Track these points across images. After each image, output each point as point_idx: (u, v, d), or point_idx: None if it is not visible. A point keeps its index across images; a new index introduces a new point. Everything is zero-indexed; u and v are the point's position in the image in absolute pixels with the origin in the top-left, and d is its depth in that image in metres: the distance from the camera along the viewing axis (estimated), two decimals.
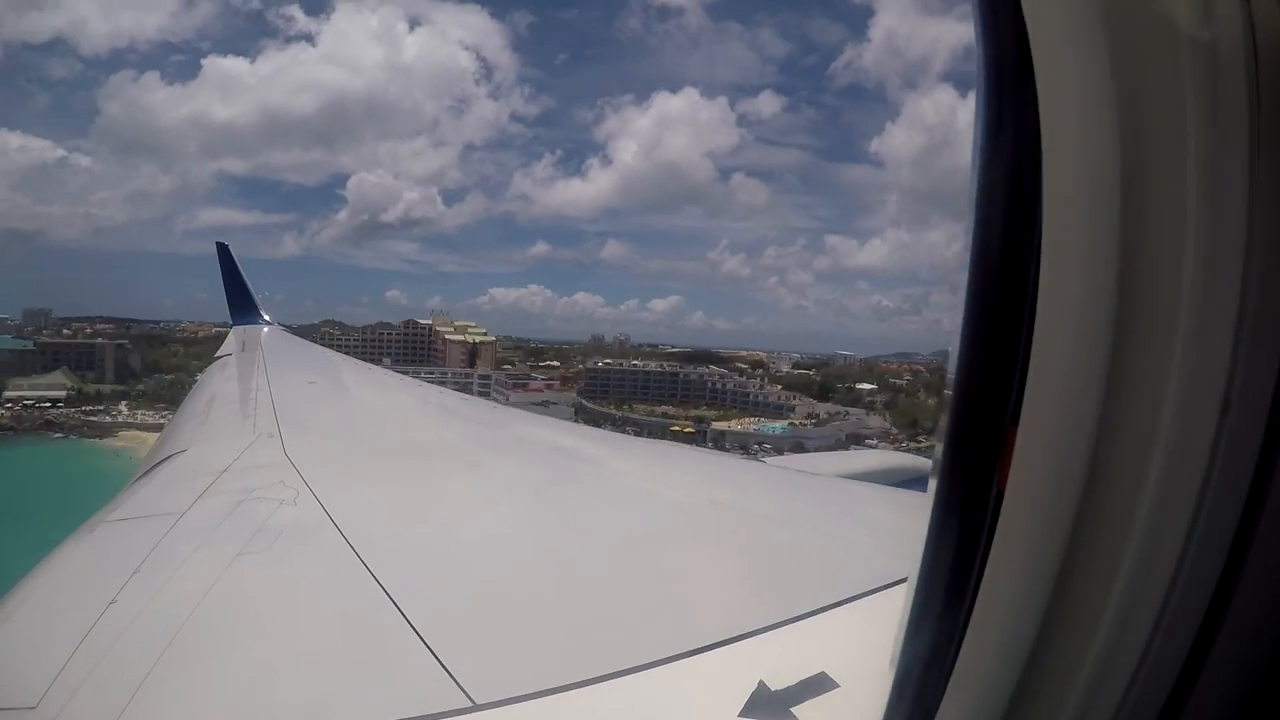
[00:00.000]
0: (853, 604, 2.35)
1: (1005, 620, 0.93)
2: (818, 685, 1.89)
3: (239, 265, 14.19)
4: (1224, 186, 0.79)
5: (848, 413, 79.00)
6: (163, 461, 4.72)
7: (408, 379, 10.54)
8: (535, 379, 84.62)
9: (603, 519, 3.60)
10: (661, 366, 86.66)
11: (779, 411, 77.96)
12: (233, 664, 2.03)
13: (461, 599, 2.48)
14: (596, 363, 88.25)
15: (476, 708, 1.77)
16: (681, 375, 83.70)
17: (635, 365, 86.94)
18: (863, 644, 2.16)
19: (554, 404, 69.73)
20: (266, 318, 13.70)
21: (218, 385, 8.35)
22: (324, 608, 2.40)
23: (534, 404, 58.30)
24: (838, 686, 1.89)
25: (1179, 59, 0.78)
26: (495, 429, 6.55)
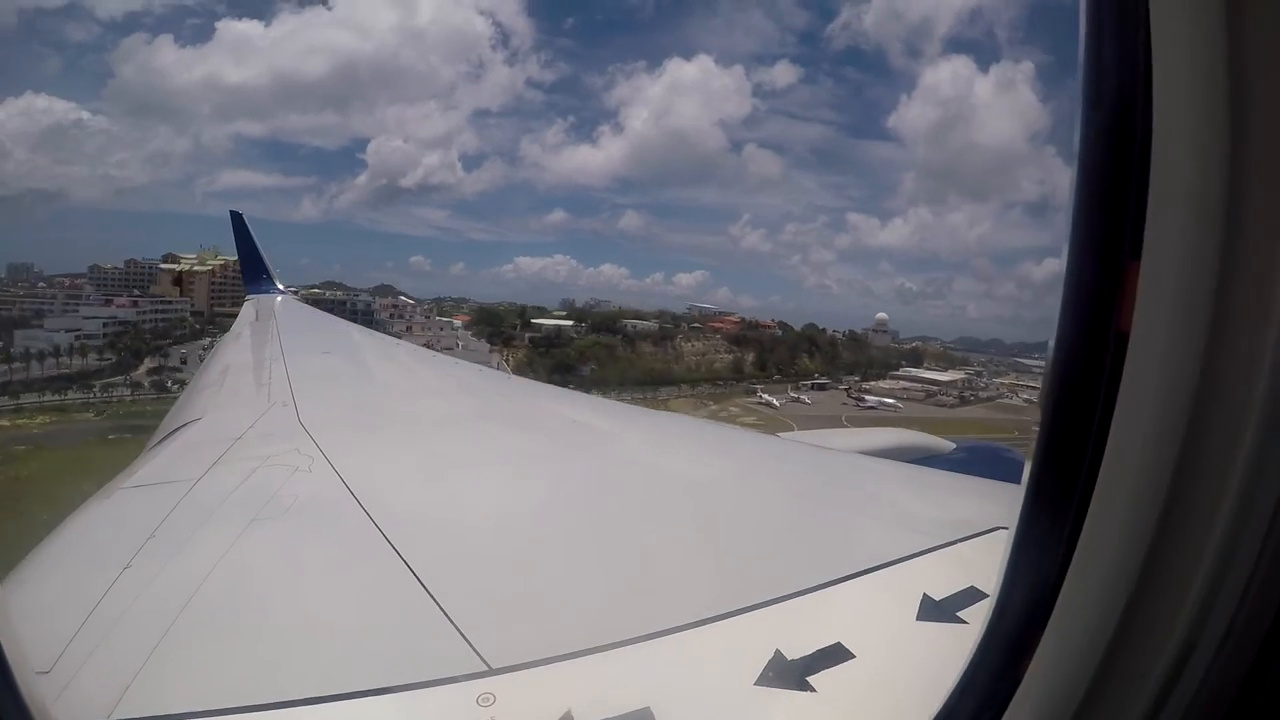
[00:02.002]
0: (867, 577, 2.34)
1: (1136, 481, 0.87)
2: (833, 655, 1.88)
3: (253, 234, 14.22)
4: None
5: None
6: (178, 429, 4.76)
7: (422, 349, 10.57)
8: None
9: (619, 488, 3.60)
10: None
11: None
12: (246, 630, 2.04)
13: (477, 565, 2.49)
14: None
15: (492, 672, 1.76)
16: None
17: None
18: (877, 616, 2.16)
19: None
20: (280, 287, 13.77)
21: (232, 354, 8.41)
22: (338, 574, 2.42)
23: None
24: (853, 657, 1.87)
25: None
26: (509, 399, 6.55)
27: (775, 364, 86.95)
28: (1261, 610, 0.86)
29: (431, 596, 2.10)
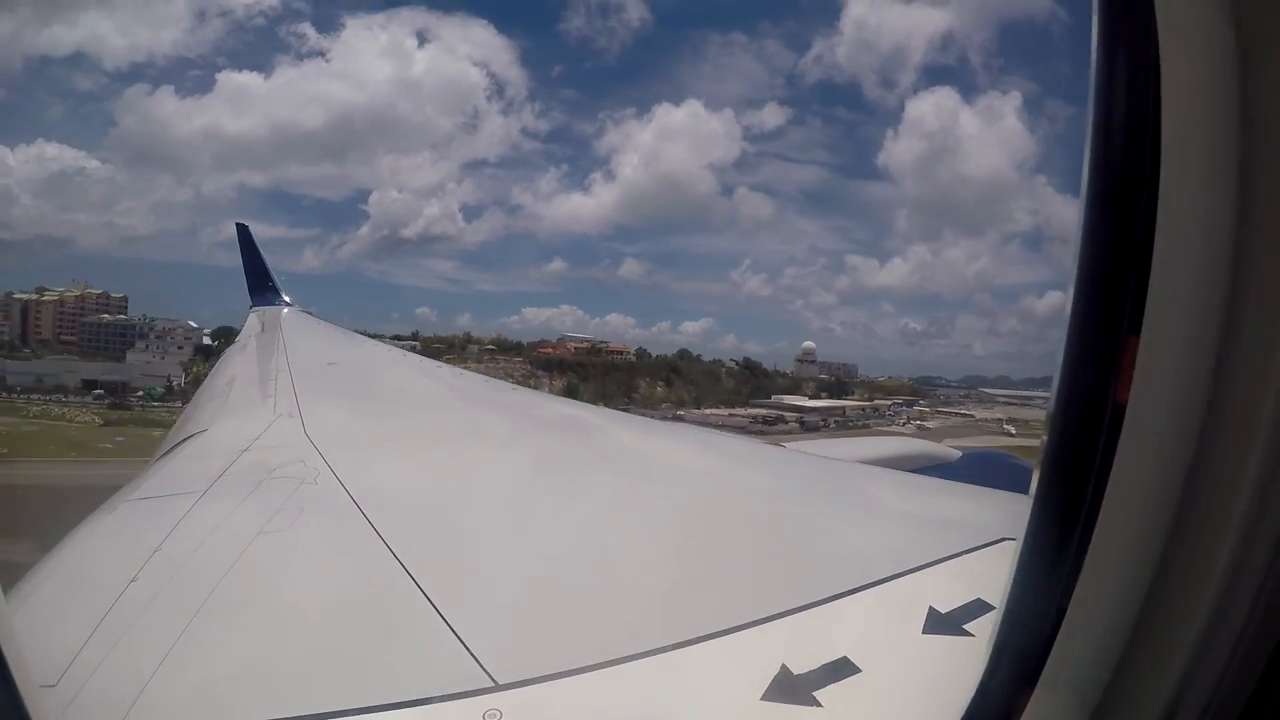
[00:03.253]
0: (873, 590, 2.33)
1: (1130, 541, 0.90)
2: (840, 670, 1.87)
3: (259, 247, 14.27)
4: None
5: None
6: (183, 441, 4.77)
7: (429, 361, 10.60)
8: None
9: (623, 500, 3.59)
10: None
11: None
12: (252, 644, 2.04)
13: (484, 579, 2.49)
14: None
15: (499, 688, 1.76)
16: None
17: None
18: (883, 630, 2.14)
19: None
20: (287, 299, 13.77)
21: (238, 366, 8.44)
22: (345, 588, 2.41)
23: None
24: (859, 671, 1.86)
25: None
26: (516, 410, 6.56)
27: (605, 391, 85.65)
28: (1269, 630, 0.86)
29: (438, 611, 2.10)
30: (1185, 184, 0.80)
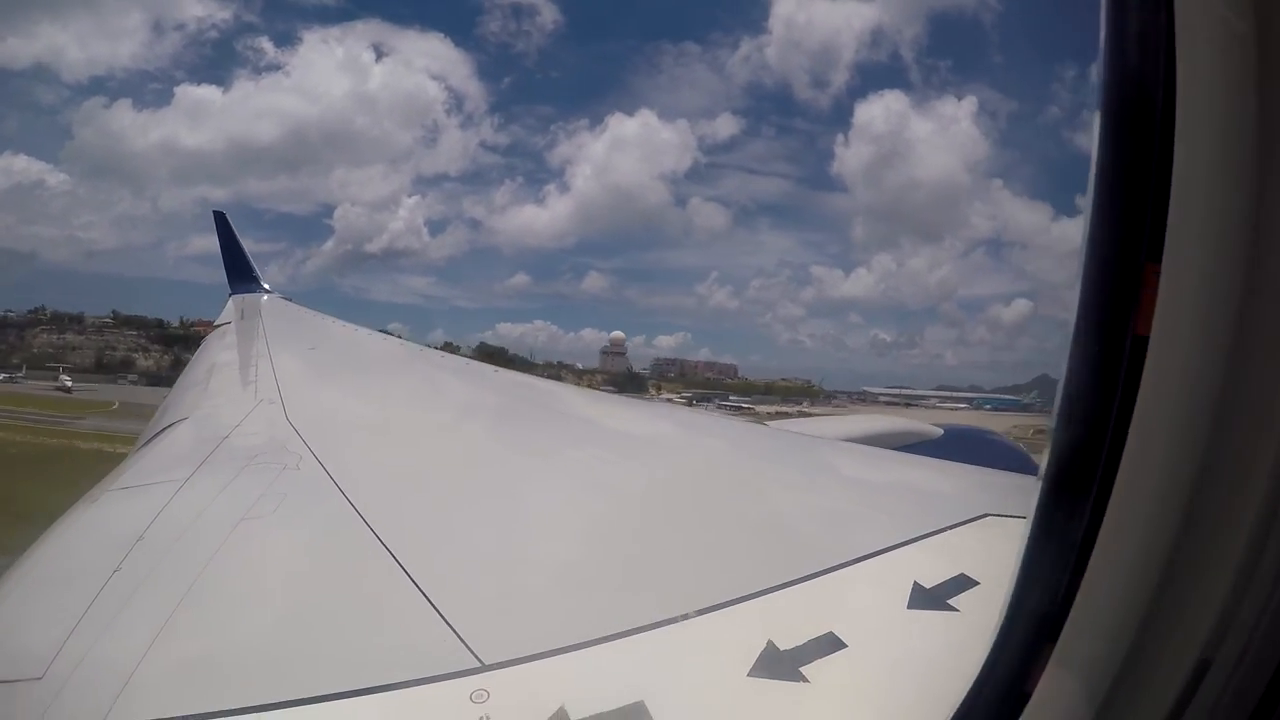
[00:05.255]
0: (857, 565, 2.36)
1: (1153, 485, 0.86)
2: (826, 644, 1.89)
3: (236, 234, 14.02)
4: None
5: None
6: (164, 429, 4.71)
7: (412, 344, 10.50)
8: None
9: (607, 479, 3.60)
10: None
11: None
12: (238, 630, 2.03)
13: (468, 560, 2.49)
14: None
15: (485, 668, 1.76)
16: None
17: None
18: (868, 605, 2.17)
19: None
20: (266, 286, 13.58)
21: (217, 353, 8.31)
22: (329, 572, 2.41)
23: None
24: (845, 646, 1.89)
25: None
26: (495, 392, 6.53)
27: None
28: None
29: (423, 593, 2.10)
30: (1204, 103, 0.76)
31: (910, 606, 2.10)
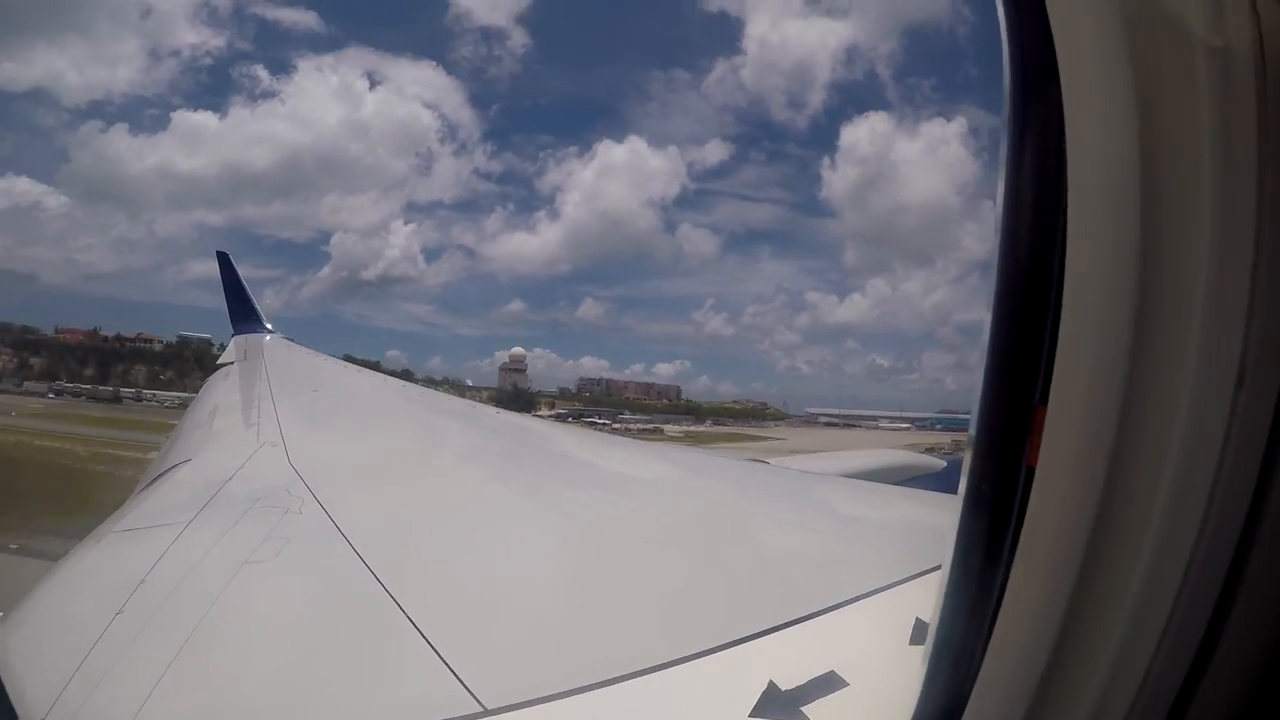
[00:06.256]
0: (860, 603, 2.35)
1: (1039, 594, 0.98)
2: (827, 684, 1.88)
3: (239, 274, 14.16)
4: (1234, 184, 0.85)
5: None
6: (167, 471, 4.72)
7: (412, 386, 10.54)
8: None
9: (610, 520, 3.60)
10: None
11: None
12: (239, 674, 2.03)
13: (470, 605, 2.48)
14: None
15: (487, 712, 1.76)
16: None
17: None
18: (871, 642, 2.16)
19: None
20: (269, 326, 13.65)
21: (220, 395, 8.34)
22: (331, 616, 2.40)
23: None
24: (847, 685, 1.88)
25: (1194, 65, 0.84)
26: (496, 435, 6.54)
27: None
28: (1182, 650, 0.97)
29: (424, 637, 2.10)
30: (1089, 272, 0.90)
31: (914, 643, 2.10)
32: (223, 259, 14.35)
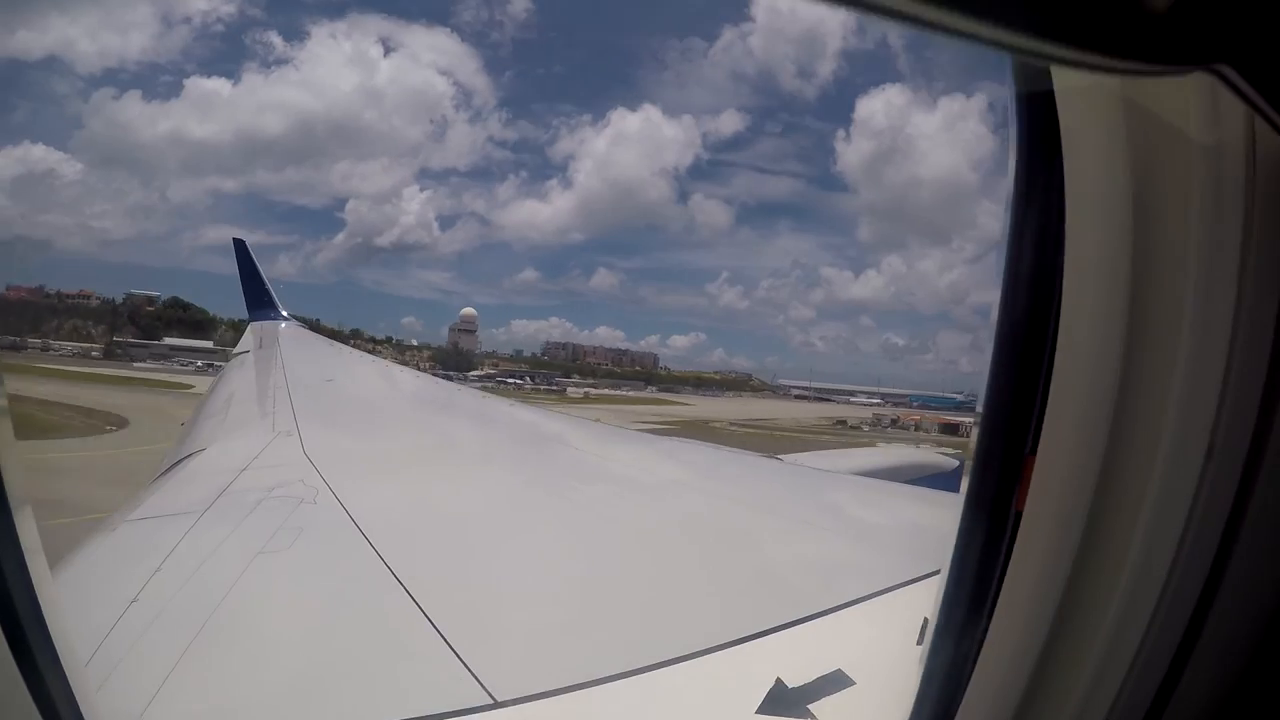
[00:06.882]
0: (867, 603, 2.35)
1: (1022, 625, 1.07)
2: (835, 682, 1.89)
3: (256, 261, 14.25)
4: (1218, 268, 0.93)
5: None
6: (183, 460, 4.78)
7: (426, 375, 10.61)
8: None
9: (621, 516, 3.62)
10: None
11: None
12: (254, 663, 2.05)
13: (482, 597, 2.50)
14: None
15: (498, 705, 1.78)
16: None
17: None
18: (879, 642, 2.16)
19: None
20: (285, 313, 13.73)
21: (236, 383, 8.43)
22: (344, 606, 2.42)
23: None
24: (854, 684, 1.88)
25: (1189, 160, 0.91)
26: (510, 428, 6.57)
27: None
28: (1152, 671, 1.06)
29: (436, 629, 2.12)
30: (1080, 332, 0.99)
31: (921, 643, 2.09)
32: (239, 246, 14.47)
